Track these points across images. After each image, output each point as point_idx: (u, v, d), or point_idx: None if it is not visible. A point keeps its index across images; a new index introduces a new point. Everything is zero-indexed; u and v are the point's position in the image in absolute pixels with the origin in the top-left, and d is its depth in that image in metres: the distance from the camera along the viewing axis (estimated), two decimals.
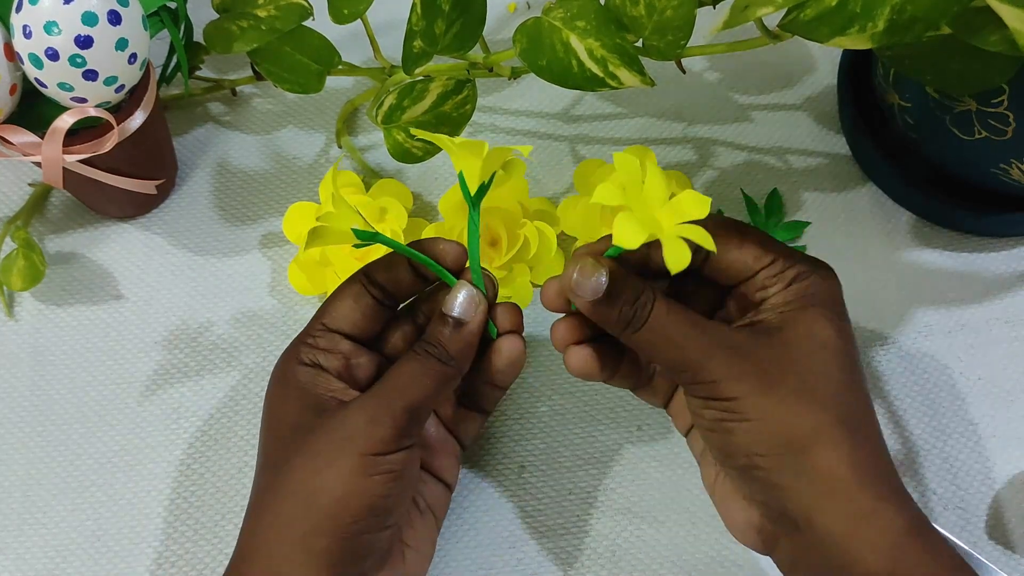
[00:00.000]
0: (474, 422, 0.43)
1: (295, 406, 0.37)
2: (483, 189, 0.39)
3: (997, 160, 0.45)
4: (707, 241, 0.31)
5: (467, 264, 0.39)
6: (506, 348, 0.39)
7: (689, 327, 0.35)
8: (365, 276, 0.39)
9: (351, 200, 0.50)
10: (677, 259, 0.30)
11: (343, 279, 0.48)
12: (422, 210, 0.53)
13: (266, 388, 0.39)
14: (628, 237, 0.31)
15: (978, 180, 0.48)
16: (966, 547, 0.44)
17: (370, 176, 0.53)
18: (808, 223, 0.52)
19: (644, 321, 0.35)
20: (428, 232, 0.50)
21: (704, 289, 0.39)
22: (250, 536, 0.36)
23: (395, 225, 0.49)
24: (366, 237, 0.37)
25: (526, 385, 0.49)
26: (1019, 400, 0.48)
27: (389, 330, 0.41)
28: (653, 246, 0.33)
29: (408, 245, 0.38)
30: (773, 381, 0.34)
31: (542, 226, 0.49)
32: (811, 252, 0.52)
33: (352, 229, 0.37)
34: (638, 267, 0.37)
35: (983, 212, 0.50)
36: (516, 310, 0.40)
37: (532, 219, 0.49)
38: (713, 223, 0.37)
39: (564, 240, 0.51)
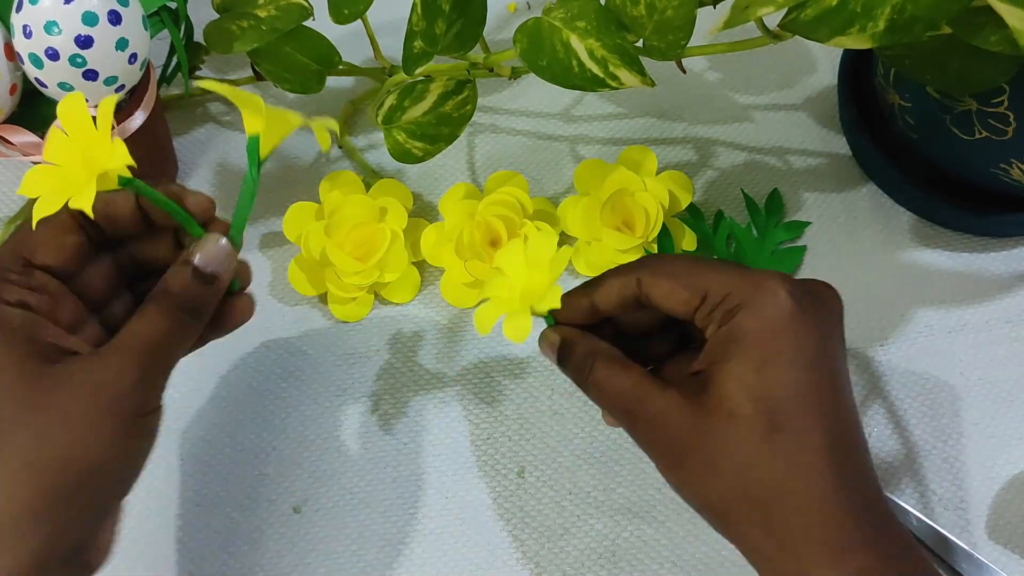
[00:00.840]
0: None
1: (11, 352, 0.32)
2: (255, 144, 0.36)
3: (997, 160, 0.45)
4: (554, 301, 0.36)
5: (215, 219, 0.37)
6: (245, 307, 0.38)
7: (624, 389, 0.35)
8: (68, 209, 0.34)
9: (352, 199, 0.50)
10: (514, 334, 0.35)
11: (343, 280, 0.48)
12: (422, 210, 0.53)
13: None
14: (481, 324, 0.36)
15: (978, 180, 0.48)
16: (967, 547, 0.44)
17: (370, 176, 0.53)
18: (808, 223, 0.52)
19: (587, 380, 0.36)
20: (428, 235, 0.50)
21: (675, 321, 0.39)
22: None
23: (395, 225, 0.49)
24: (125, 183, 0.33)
25: (525, 385, 0.49)
26: (1019, 400, 0.48)
27: (94, 264, 0.37)
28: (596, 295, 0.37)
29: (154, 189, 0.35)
30: (683, 457, 0.34)
31: (542, 226, 0.49)
32: (811, 252, 0.52)
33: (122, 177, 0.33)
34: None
35: (983, 212, 0.50)
36: (248, 268, 0.39)
37: (532, 219, 0.49)
38: (636, 262, 0.37)
39: (564, 240, 0.51)
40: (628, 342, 0.38)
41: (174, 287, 0.34)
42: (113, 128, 0.44)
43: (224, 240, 0.35)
